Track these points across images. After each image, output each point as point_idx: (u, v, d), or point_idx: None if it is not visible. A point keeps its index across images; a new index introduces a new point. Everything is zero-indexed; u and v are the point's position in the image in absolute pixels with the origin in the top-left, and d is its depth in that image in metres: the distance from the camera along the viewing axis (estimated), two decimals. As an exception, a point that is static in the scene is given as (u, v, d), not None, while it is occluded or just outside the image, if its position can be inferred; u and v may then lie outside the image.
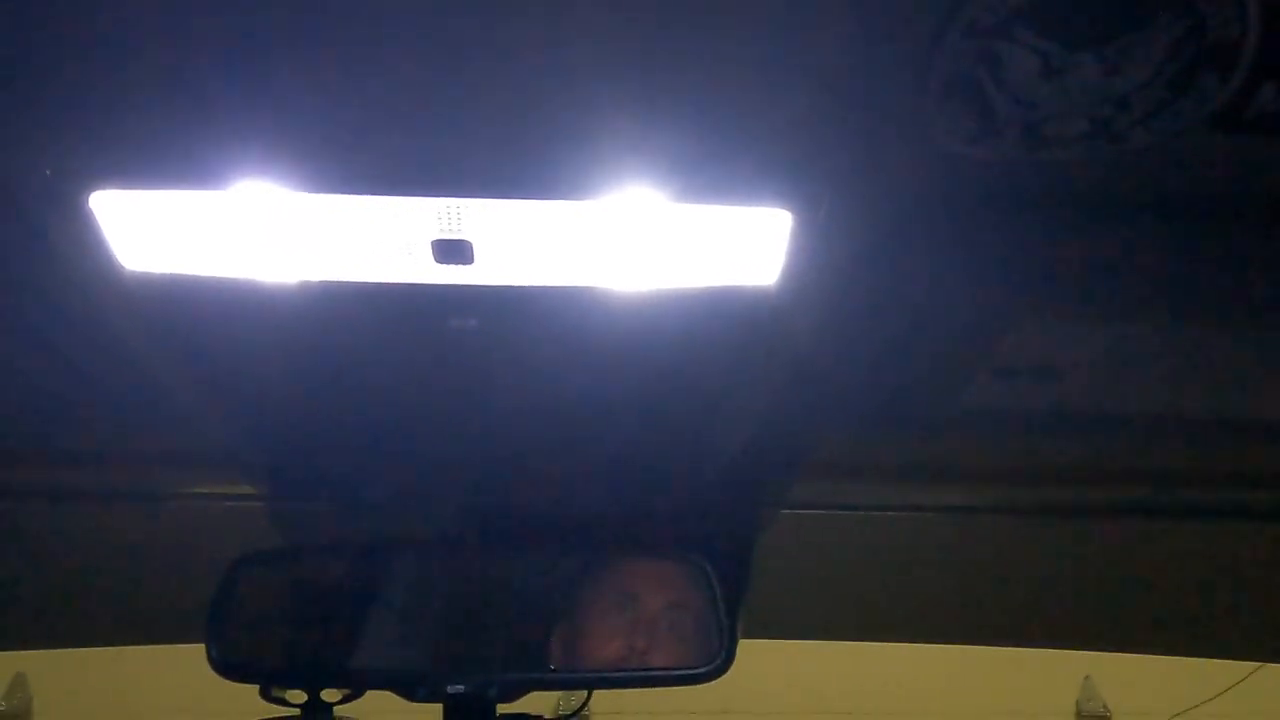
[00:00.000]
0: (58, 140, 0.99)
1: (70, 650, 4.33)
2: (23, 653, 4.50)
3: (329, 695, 1.93)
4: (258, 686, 1.90)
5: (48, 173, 0.99)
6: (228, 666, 1.86)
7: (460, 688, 1.86)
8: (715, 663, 1.87)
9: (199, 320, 1.24)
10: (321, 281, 1.17)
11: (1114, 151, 1.16)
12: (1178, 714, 5.39)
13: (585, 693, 2.04)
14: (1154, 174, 1.23)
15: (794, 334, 1.30)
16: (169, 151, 1.01)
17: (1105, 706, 6.06)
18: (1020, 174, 1.22)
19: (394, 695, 1.88)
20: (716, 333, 1.28)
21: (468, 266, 1.14)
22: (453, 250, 1.11)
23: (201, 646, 1.78)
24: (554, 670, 1.97)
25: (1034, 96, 1.08)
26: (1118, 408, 1.64)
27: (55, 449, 1.65)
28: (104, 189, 1.03)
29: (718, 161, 1.06)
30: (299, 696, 1.92)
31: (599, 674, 1.98)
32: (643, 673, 1.97)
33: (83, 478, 1.85)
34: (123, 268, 1.13)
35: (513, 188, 1.05)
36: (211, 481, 1.95)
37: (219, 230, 1.12)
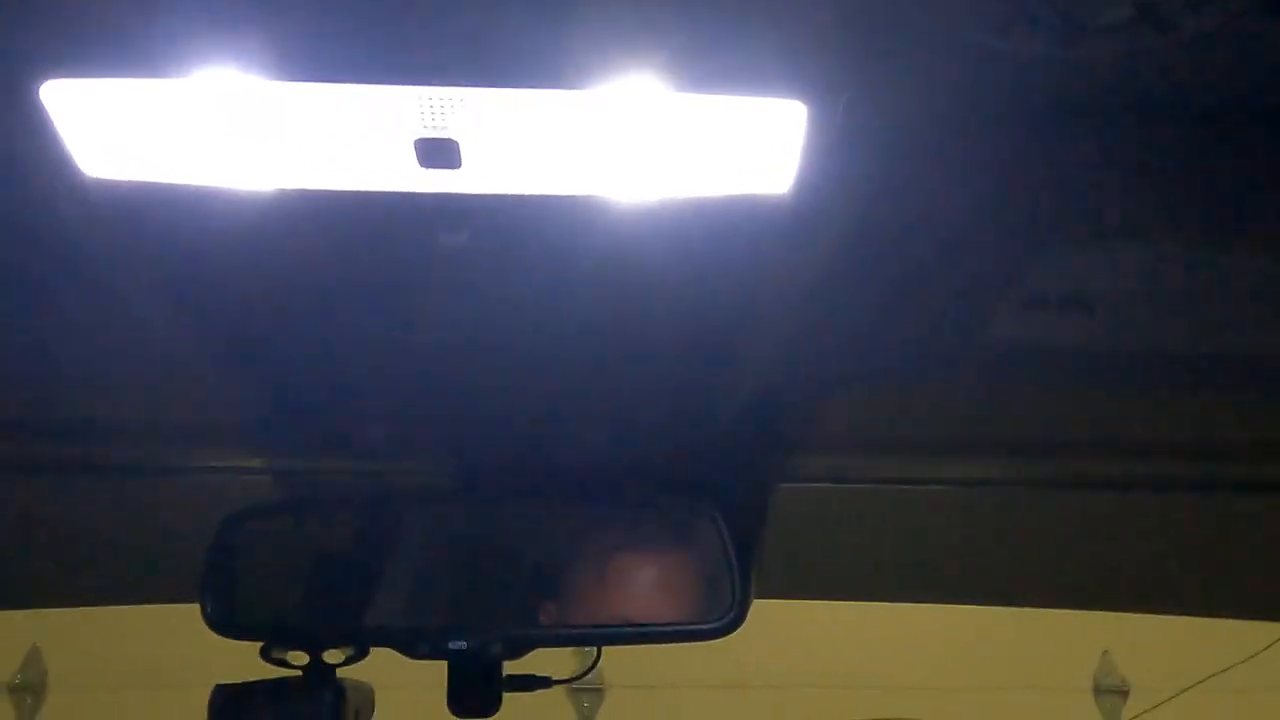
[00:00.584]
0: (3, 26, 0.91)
1: (84, 624, 4.31)
2: (37, 626, 4.48)
3: (331, 657, 1.87)
4: (259, 652, 1.84)
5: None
6: (223, 623, 1.80)
7: (462, 644, 1.79)
8: (727, 619, 1.79)
9: (167, 235, 1.16)
10: (299, 190, 1.08)
11: (1158, 44, 1.06)
12: (1193, 684, 5.32)
13: (595, 653, 1.97)
14: (1199, 74, 1.14)
15: (809, 250, 1.21)
16: (126, 34, 0.93)
17: (1124, 680, 5.98)
18: (1054, 75, 1.12)
19: (399, 657, 1.81)
20: (726, 247, 1.19)
21: (455, 171, 1.05)
22: (438, 151, 1.03)
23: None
24: (560, 626, 1.89)
25: (1074, -24, 0.99)
26: (1152, 344, 1.54)
27: (15, 388, 1.57)
28: (55, 78, 0.94)
29: (726, 45, 0.97)
30: (300, 658, 1.86)
31: (606, 630, 1.90)
32: (651, 629, 1.90)
33: (55, 430, 1.78)
34: (82, 174, 1.05)
35: (501, 74, 0.97)
36: (196, 433, 1.87)
37: (183, 128, 1.03)
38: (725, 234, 1.17)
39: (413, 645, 1.80)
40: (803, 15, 0.97)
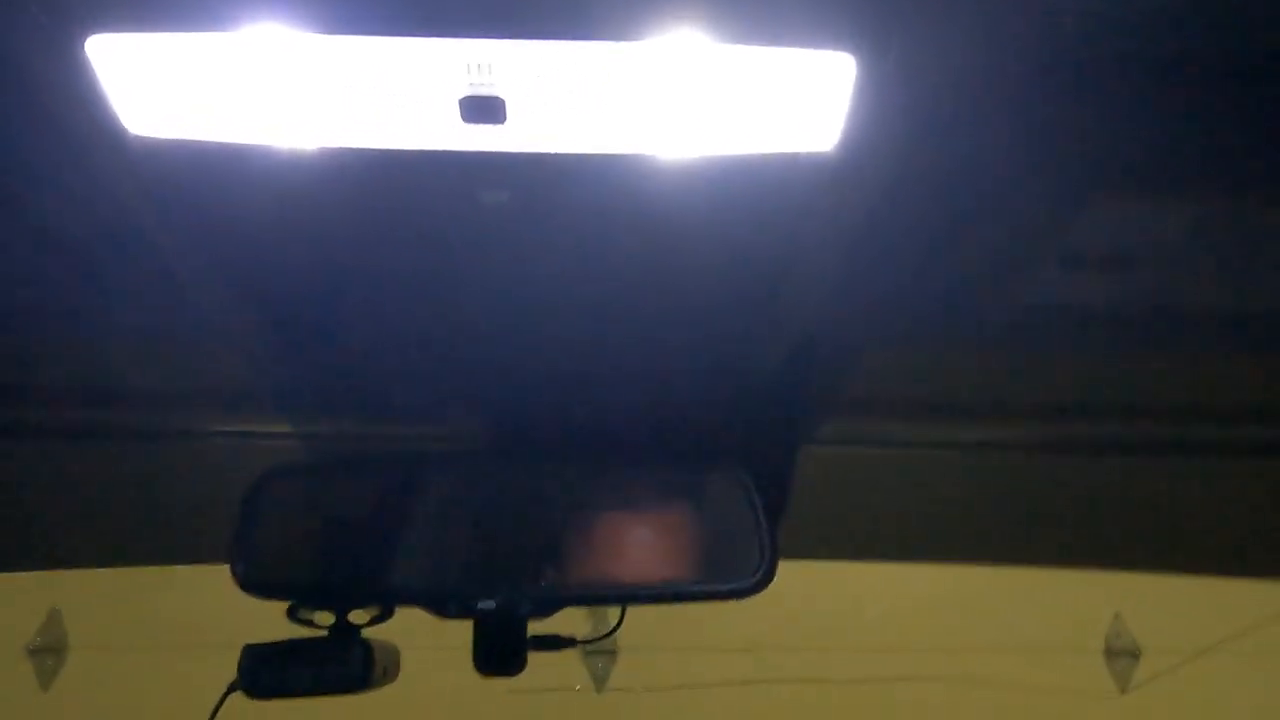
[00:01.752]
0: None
1: (104, 586, 4.33)
2: (56, 589, 4.50)
3: (357, 617, 1.88)
4: (285, 611, 1.85)
5: (36, 13, 0.90)
6: (253, 583, 1.80)
7: (491, 604, 1.79)
8: (755, 578, 1.79)
9: (209, 193, 1.15)
10: (342, 148, 1.07)
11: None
12: (1206, 648, 5.33)
13: (619, 613, 1.97)
14: (1249, 30, 1.12)
15: (850, 205, 1.20)
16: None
17: (1135, 643, 5.99)
18: (1102, 27, 1.10)
19: (423, 617, 1.82)
20: (768, 203, 1.18)
21: (499, 127, 1.04)
22: (483, 108, 1.01)
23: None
24: (588, 586, 1.89)
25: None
26: (1192, 304, 1.53)
27: (54, 345, 1.56)
28: (100, 33, 0.93)
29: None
30: (326, 619, 1.87)
31: (634, 590, 1.90)
32: (680, 588, 1.90)
33: (91, 391, 1.77)
34: (126, 131, 1.04)
35: (549, 25, 0.95)
36: (228, 399, 1.87)
37: (228, 84, 1.02)
38: (767, 190, 1.16)
39: (442, 604, 1.80)
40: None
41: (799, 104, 1.05)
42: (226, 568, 1.76)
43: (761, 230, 1.22)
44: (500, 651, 1.82)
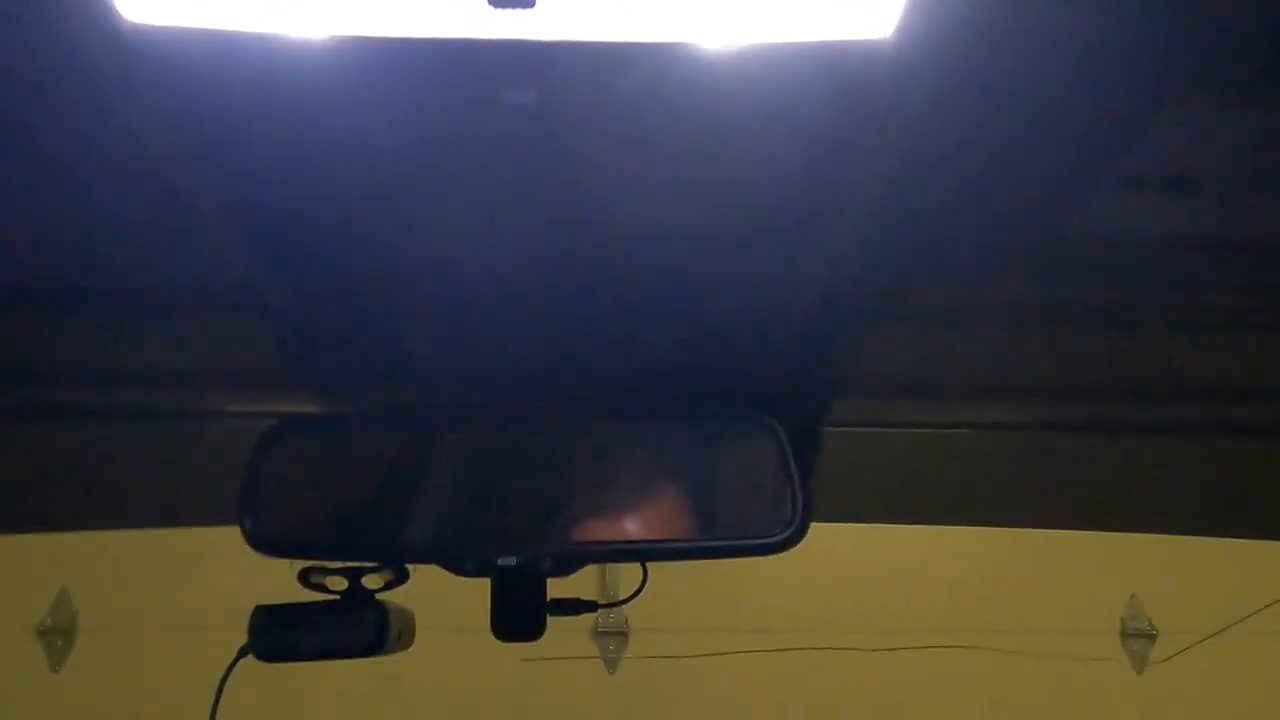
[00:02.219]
0: None
1: (112, 566, 4.28)
2: (65, 569, 4.44)
3: (371, 582, 1.81)
4: (295, 576, 1.78)
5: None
6: (263, 541, 1.73)
7: (511, 560, 1.72)
8: (787, 532, 1.71)
9: (208, 88, 1.06)
10: (355, 37, 0.98)
11: None
12: (1222, 629, 5.26)
13: (642, 574, 1.89)
14: None
15: (904, 109, 1.11)
16: None
17: (1151, 624, 5.92)
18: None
19: (440, 578, 1.74)
20: (817, 101, 1.09)
21: (528, 11, 0.95)
22: (510, -15, 0.93)
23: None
24: (611, 543, 1.81)
25: None
26: (1257, 233, 1.44)
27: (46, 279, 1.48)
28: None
29: None
30: (339, 583, 1.80)
31: (660, 545, 1.82)
32: (708, 544, 1.82)
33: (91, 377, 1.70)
34: (121, 18, 0.95)
35: None
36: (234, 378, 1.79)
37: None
38: (815, 84, 1.07)
39: (459, 562, 1.73)
40: None
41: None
42: (235, 534, 1.70)
43: (806, 131, 1.13)
44: (519, 615, 1.75)
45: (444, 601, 2.03)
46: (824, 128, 1.11)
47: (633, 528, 1.80)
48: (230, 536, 1.66)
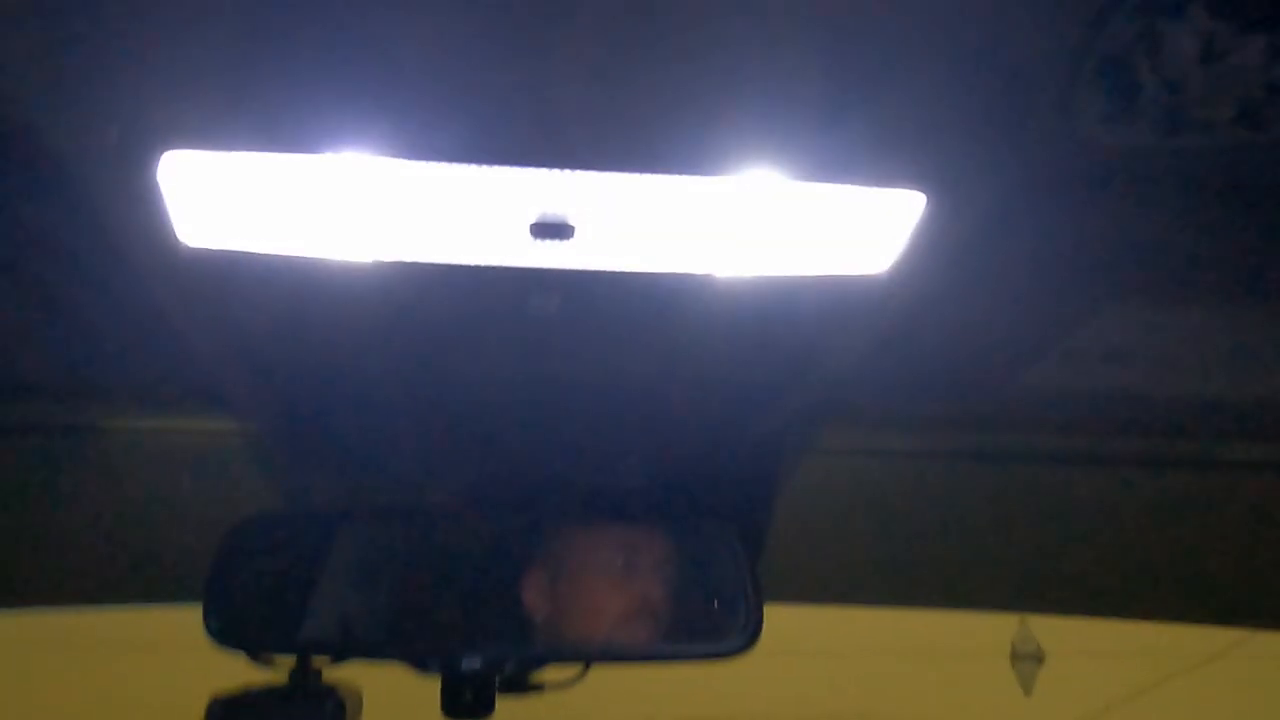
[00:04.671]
0: (127, 96, 0.86)
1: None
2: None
3: (318, 660, 1.85)
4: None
5: (113, 133, 0.86)
6: (226, 636, 1.77)
7: (476, 662, 1.78)
8: (741, 639, 1.81)
9: (250, 299, 1.11)
10: (401, 262, 1.05)
11: (1249, 139, 1.10)
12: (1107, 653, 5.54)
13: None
14: (1254, 164, 1.18)
15: (888, 316, 1.22)
16: (249, 109, 0.89)
17: (1039, 648, 6.20)
18: (1139, 157, 1.15)
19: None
20: (810, 320, 1.20)
21: (565, 243, 1.03)
22: (553, 227, 1.01)
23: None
24: (571, 644, 1.89)
25: (1185, 80, 1.02)
26: (1173, 393, 1.60)
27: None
28: (177, 148, 0.90)
29: (852, 138, 0.97)
30: (288, 661, 1.84)
31: (618, 648, 1.91)
32: (665, 648, 1.91)
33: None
34: (179, 242, 1.00)
35: (627, 160, 0.95)
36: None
37: (294, 200, 1.00)
38: (815, 305, 1.17)
39: (421, 661, 1.79)
40: (928, 107, 0.97)
41: (861, 232, 1.07)
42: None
43: (795, 338, 1.24)
44: (470, 696, 1.81)
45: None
46: (810, 337, 1.21)
47: (593, 630, 1.88)
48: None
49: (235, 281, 1.07)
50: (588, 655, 1.99)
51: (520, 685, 1.85)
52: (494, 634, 1.86)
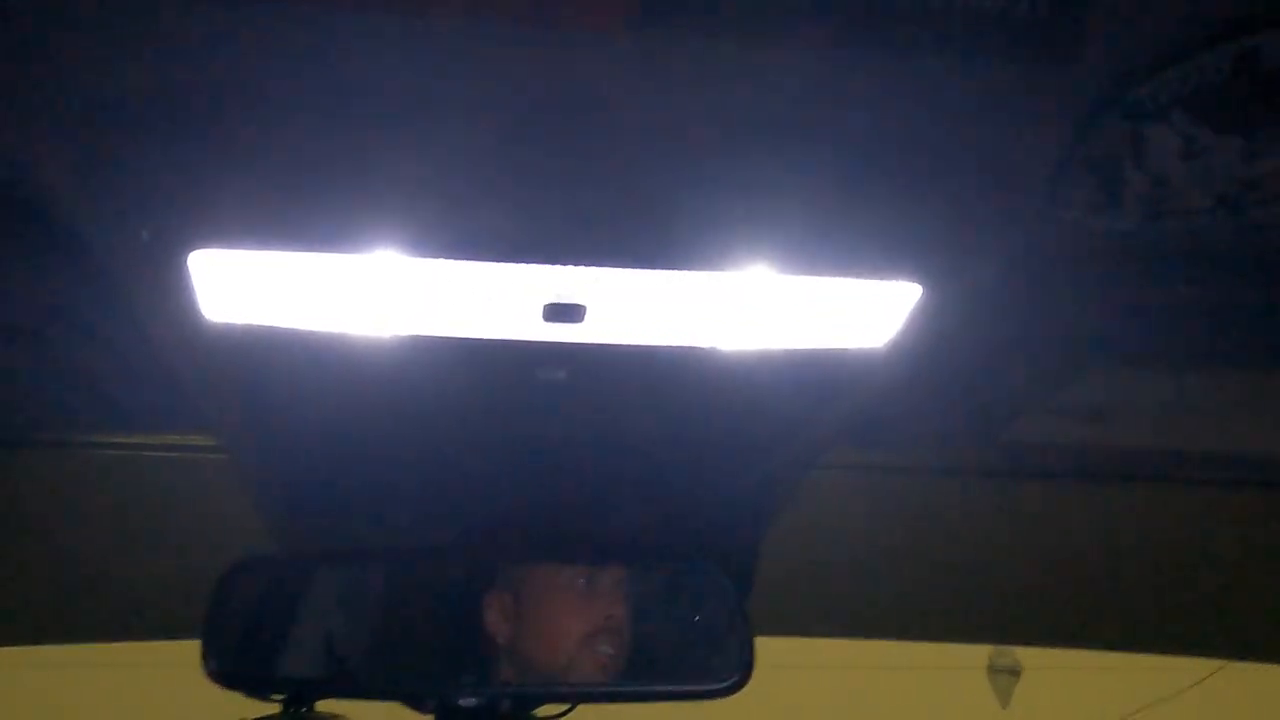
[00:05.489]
0: (157, 199, 0.90)
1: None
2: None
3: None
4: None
5: (144, 234, 0.90)
6: (225, 676, 1.79)
7: (473, 701, 1.81)
8: (734, 678, 1.84)
9: (272, 364, 1.15)
10: (417, 337, 1.09)
11: (1227, 226, 1.15)
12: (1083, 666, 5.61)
13: None
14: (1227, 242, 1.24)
15: (883, 383, 1.27)
16: (276, 214, 0.93)
17: (1016, 661, 6.28)
18: (1122, 238, 1.20)
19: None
20: (807, 389, 1.24)
21: (575, 325, 1.08)
22: (565, 312, 1.05)
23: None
24: (565, 684, 1.92)
25: (1169, 175, 1.07)
26: (1147, 446, 1.66)
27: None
28: (203, 249, 0.94)
29: (851, 235, 1.02)
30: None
31: (611, 689, 1.94)
32: (657, 688, 1.94)
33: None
34: (204, 318, 1.04)
35: (636, 258, 1.00)
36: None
37: (317, 289, 1.04)
38: (812, 380, 1.22)
39: (418, 700, 1.82)
40: (922, 205, 1.02)
41: (860, 315, 1.12)
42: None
43: (792, 410, 1.29)
44: (465, 731, 1.85)
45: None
46: (803, 409, 1.26)
47: (587, 670, 1.91)
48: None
49: (253, 350, 1.10)
50: (581, 694, 2.03)
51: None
52: (488, 674, 1.89)
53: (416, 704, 1.83)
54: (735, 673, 1.82)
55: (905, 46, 0.86)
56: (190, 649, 1.77)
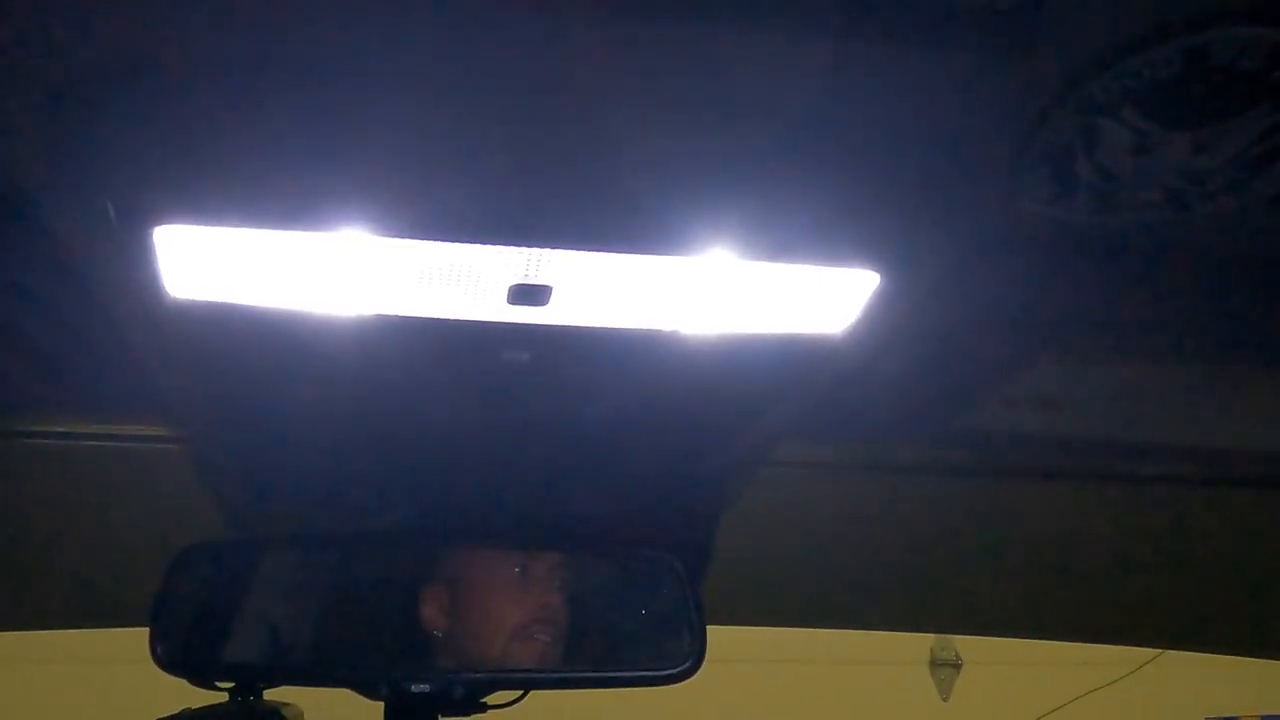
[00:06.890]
0: (123, 174, 0.89)
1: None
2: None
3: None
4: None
5: (109, 208, 0.90)
6: (174, 664, 1.78)
7: (425, 687, 1.81)
8: (685, 664, 1.86)
9: (235, 341, 1.15)
10: (380, 316, 1.10)
11: (1174, 219, 1.19)
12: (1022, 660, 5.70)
13: None
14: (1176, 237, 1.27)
15: (841, 369, 1.29)
16: (242, 189, 0.93)
17: (957, 655, 6.36)
18: (1074, 230, 1.23)
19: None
20: (767, 372, 1.26)
21: (541, 308, 1.09)
22: (530, 293, 1.06)
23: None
24: (519, 670, 1.93)
25: (1119, 168, 1.10)
26: (1096, 436, 1.70)
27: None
28: (168, 224, 0.94)
29: (810, 223, 1.03)
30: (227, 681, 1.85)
31: (566, 674, 1.95)
32: (611, 673, 1.96)
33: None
34: (167, 295, 1.04)
35: (600, 241, 1.01)
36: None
37: (283, 265, 1.04)
38: (771, 365, 1.24)
39: (373, 687, 1.82)
40: (880, 193, 1.05)
41: (819, 301, 1.14)
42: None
43: (750, 395, 1.31)
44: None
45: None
46: (762, 393, 1.28)
47: (542, 655, 1.92)
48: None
49: (216, 328, 1.10)
50: (535, 680, 2.03)
51: (464, 708, 1.88)
52: (440, 659, 1.89)
53: (368, 691, 1.83)
54: (687, 660, 1.85)
55: (865, 36, 0.88)
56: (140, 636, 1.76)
